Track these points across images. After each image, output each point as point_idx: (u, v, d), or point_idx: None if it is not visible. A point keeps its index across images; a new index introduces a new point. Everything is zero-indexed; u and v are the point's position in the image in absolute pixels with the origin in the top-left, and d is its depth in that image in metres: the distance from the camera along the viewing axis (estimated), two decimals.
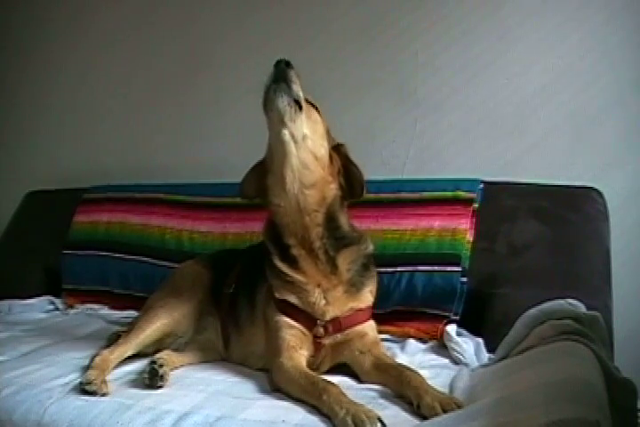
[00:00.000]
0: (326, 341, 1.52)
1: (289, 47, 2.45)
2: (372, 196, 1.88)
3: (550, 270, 1.82)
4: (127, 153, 2.79)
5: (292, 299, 1.53)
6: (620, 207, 1.93)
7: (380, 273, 1.67)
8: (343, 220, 1.57)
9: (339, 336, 1.52)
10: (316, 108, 1.56)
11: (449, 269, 1.82)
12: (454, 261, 1.83)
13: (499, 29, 2.14)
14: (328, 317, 1.51)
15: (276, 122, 1.46)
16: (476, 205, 1.91)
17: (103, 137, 2.86)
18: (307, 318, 1.52)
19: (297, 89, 1.45)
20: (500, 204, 1.96)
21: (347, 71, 2.36)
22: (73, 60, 2.94)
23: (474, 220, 1.90)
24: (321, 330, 1.51)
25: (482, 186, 1.96)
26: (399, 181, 2.09)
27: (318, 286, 1.52)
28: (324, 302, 1.51)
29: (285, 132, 1.45)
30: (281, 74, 1.44)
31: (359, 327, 1.54)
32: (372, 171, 2.06)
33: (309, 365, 1.50)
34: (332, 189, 1.55)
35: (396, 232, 1.92)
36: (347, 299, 1.53)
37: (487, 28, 2.16)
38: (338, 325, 1.52)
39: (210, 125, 2.62)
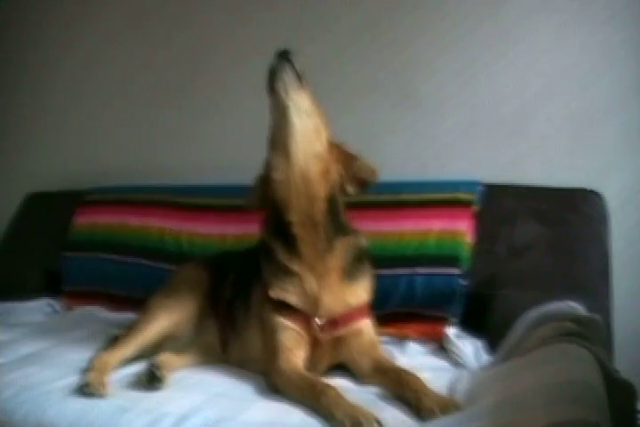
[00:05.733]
0: (323, 338, 1.52)
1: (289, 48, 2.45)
2: (371, 197, 1.88)
3: (550, 272, 1.82)
4: (127, 155, 2.78)
5: (287, 296, 1.53)
6: (620, 209, 1.93)
7: (379, 275, 1.67)
8: (342, 209, 1.60)
9: (335, 333, 1.52)
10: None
11: (448, 271, 1.82)
12: (454, 263, 1.82)
13: (499, 30, 2.14)
14: (323, 310, 1.51)
15: (282, 94, 1.50)
16: (475, 207, 1.91)
17: (103, 139, 2.86)
18: (302, 317, 1.52)
19: (299, 67, 1.51)
20: (499, 205, 1.96)
21: (347, 72, 2.35)
22: (73, 61, 2.93)
23: (474, 221, 1.90)
24: (316, 326, 1.51)
25: (482, 188, 1.96)
26: (399, 183, 2.08)
27: (312, 270, 1.52)
28: (316, 288, 1.51)
29: (290, 104, 1.50)
30: (284, 55, 1.51)
31: (355, 325, 1.55)
32: None
33: (307, 365, 1.50)
34: (334, 171, 1.58)
35: (395, 234, 1.91)
36: (341, 289, 1.54)
37: (487, 28, 2.15)
38: (334, 323, 1.52)
39: (210, 127, 2.61)
